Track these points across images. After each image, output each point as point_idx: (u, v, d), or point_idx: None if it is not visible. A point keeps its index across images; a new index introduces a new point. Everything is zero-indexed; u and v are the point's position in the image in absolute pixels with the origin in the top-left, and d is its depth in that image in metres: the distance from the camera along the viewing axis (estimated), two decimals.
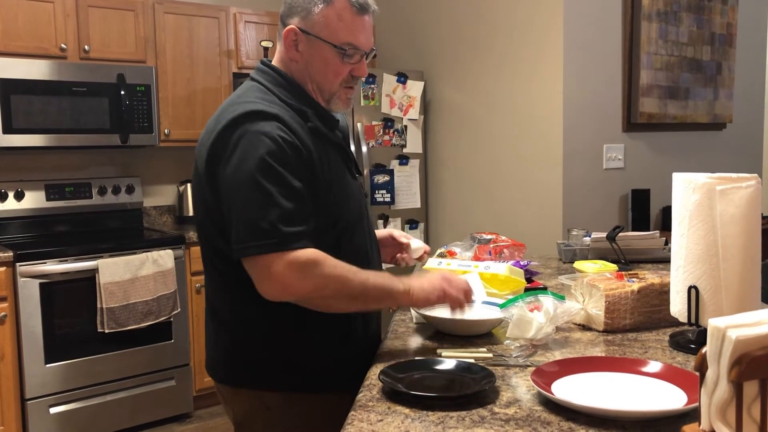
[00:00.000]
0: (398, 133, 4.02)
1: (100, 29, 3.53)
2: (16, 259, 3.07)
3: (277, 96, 1.47)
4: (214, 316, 1.55)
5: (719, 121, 4.15)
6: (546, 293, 1.51)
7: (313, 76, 1.49)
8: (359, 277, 1.38)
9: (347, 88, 1.52)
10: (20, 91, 3.27)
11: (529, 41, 3.55)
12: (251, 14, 4.00)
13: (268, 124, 1.38)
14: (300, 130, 1.42)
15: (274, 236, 1.32)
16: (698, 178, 1.32)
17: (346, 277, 1.36)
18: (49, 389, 3.17)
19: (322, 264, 1.34)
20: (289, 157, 1.36)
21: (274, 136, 1.36)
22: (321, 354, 1.49)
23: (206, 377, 3.63)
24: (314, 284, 1.35)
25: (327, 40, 1.45)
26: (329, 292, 1.36)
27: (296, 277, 1.33)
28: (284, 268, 1.32)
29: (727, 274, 1.31)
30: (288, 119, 1.41)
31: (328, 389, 1.49)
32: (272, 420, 1.50)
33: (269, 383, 1.48)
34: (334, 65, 1.47)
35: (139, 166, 4.03)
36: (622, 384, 1.19)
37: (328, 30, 1.45)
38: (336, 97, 1.52)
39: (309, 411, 1.49)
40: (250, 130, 1.37)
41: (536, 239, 3.34)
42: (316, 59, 1.48)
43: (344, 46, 1.46)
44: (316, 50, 1.47)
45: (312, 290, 1.35)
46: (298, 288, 1.34)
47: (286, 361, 1.48)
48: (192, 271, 3.57)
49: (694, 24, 3.91)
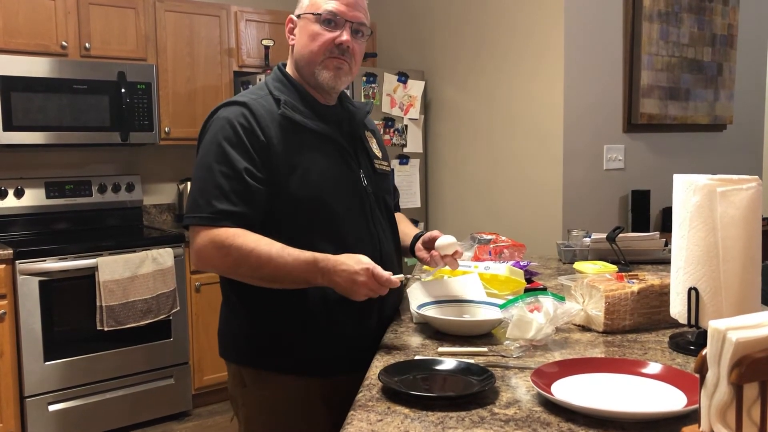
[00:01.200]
0: (399, 133, 4.02)
1: (100, 27, 3.52)
2: (15, 256, 3.07)
3: (269, 89, 1.61)
4: (221, 288, 1.67)
5: (720, 122, 4.15)
6: (546, 294, 1.51)
7: (303, 54, 1.60)
8: (275, 262, 1.44)
9: (332, 57, 1.58)
10: (21, 88, 3.26)
11: (530, 42, 3.55)
12: (252, 12, 4.00)
13: (233, 110, 1.53)
14: (267, 115, 1.53)
15: (205, 211, 1.47)
16: (699, 179, 1.32)
17: (261, 260, 1.44)
18: (48, 387, 3.17)
19: (236, 245, 1.44)
20: (241, 139, 1.49)
21: (233, 121, 1.51)
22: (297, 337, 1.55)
23: (205, 376, 3.64)
24: (229, 262, 1.46)
25: (310, 12, 1.58)
26: (245, 271, 1.47)
27: (214, 253, 1.46)
28: (207, 242, 1.46)
29: (728, 276, 1.31)
30: (257, 106, 1.54)
31: (302, 373, 1.55)
32: (248, 396, 1.61)
33: (245, 359, 1.60)
34: (316, 34, 1.57)
35: (139, 164, 4.02)
36: (622, 385, 1.19)
37: (312, 6, 1.59)
38: (321, 67, 1.59)
39: (281, 392, 1.56)
40: (218, 117, 1.55)
41: (536, 240, 3.34)
42: (303, 36, 1.60)
43: (323, 13, 1.57)
44: (304, 28, 1.60)
45: (227, 267, 1.48)
46: (216, 264, 1.48)
47: (261, 341, 1.57)
48: (192, 270, 3.57)
49: (695, 25, 3.91)
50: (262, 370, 1.58)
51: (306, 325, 1.55)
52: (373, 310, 1.61)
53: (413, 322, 1.64)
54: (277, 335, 1.56)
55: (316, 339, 1.55)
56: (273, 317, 1.56)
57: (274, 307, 1.55)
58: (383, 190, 1.70)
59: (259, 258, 1.44)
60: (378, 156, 1.72)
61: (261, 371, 1.58)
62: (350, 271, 1.42)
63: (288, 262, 1.44)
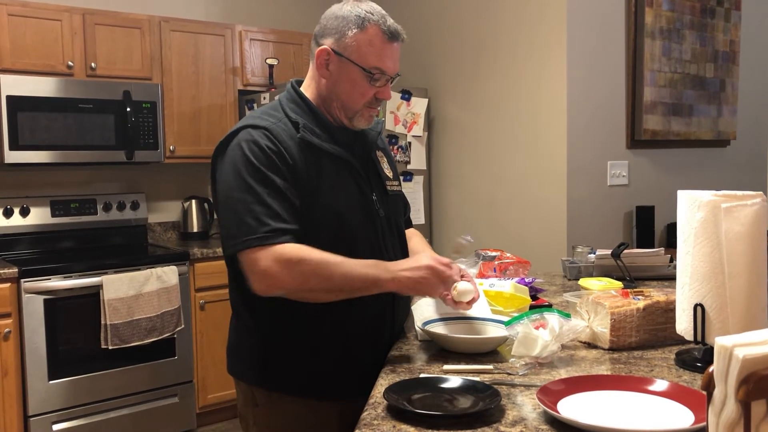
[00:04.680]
0: (402, 150, 4.03)
1: (106, 47, 3.56)
2: (20, 275, 3.08)
3: (285, 111, 1.58)
4: (231, 306, 1.67)
5: (723, 138, 4.16)
6: (551, 311, 1.50)
7: (339, 95, 1.58)
8: (342, 269, 1.45)
9: (370, 107, 1.60)
10: (27, 108, 3.29)
11: (533, 59, 3.57)
12: (257, 32, 4.03)
13: (257, 134, 1.51)
14: (288, 140, 1.52)
15: (259, 232, 1.43)
16: (703, 195, 1.32)
17: (329, 270, 1.44)
18: (52, 406, 3.16)
19: (306, 258, 1.43)
20: (273, 160, 1.48)
21: (260, 143, 1.49)
22: (311, 360, 1.55)
23: (209, 394, 3.63)
24: (299, 279, 1.43)
25: (357, 62, 1.54)
26: (314, 285, 1.45)
27: (282, 271, 1.42)
28: (271, 262, 1.42)
29: (733, 292, 1.30)
30: (278, 131, 1.52)
31: (314, 396, 1.56)
32: (259, 416, 1.60)
33: (258, 379, 1.59)
34: (360, 87, 1.56)
35: (144, 182, 4.04)
36: (629, 403, 1.18)
37: (358, 53, 1.54)
38: (359, 115, 1.60)
39: (294, 414, 1.56)
40: (240, 140, 1.51)
41: (541, 256, 3.34)
42: (344, 79, 1.56)
43: (372, 70, 1.54)
44: (345, 71, 1.55)
45: (298, 284, 1.44)
46: (284, 282, 1.43)
47: (276, 363, 1.57)
48: (196, 288, 3.57)
49: (697, 41, 3.92)
50: (275, 391, 1.57)
51: (320, 349, 1.55)
52: (385, 331, 1.61)
53: (418, 339, 1.64)
54: (291, 357, 1.56)
55: (330, 362, 1.55)
56: (288, 339, 1.55)
57: (290, 329, 1.55)
58: (394, 212, 1.70)
59: (328, 269, 1.43)
60: (389, 177, 1.72)
61: (274, 392, 1.57)
62: (416, 263, 1.48)
63: (355, 269, 1.45)
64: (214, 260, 3.58)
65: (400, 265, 1.50)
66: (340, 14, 1.55)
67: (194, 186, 4.17)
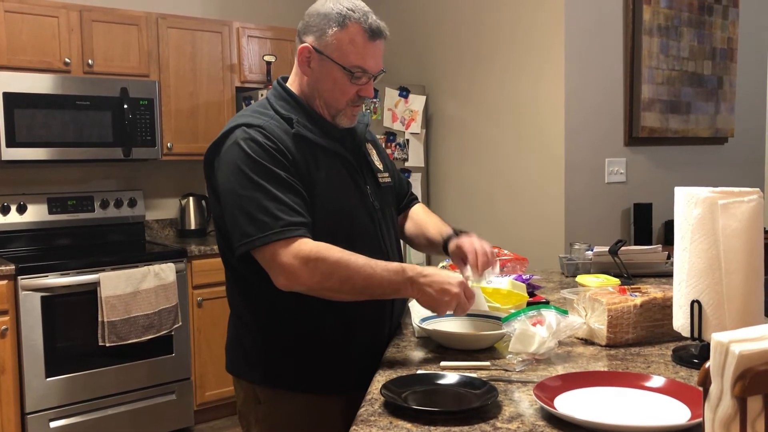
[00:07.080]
0: (400, 147, 4.03)
1: (103, 43, 3.55)
2: (17, 272, 3.07)
3: (274, 108, 1.57)
4: (230, 305, 1.66)
5: (721, 135, 4.16)
6: (548, 307, 1.50)
7: (321, 93, 1.57)
8: (364, 271, 1.43)
9: (353, 106, 1.59)
10: (24, 105, 3.28)
11: (531, 56, 3.57)
12: (254, 29, 4.02)
13: (252, 132, 1.49)
14: (284, 136, 1.51)
15: (276, 227, 1.41)
16: (700, 192, 1.32)
17: (350, 271, 1.42)
18: (49, 403, 3.15)
19: (324, 257, 1.41)
20: (274, 156, 1.47)
21: (258, 140, 1.47)
22: (312, 356, 1.55)
23: (207, 391, 3.63)
24: (319, 277, 1.41)
25: (337, 61, 1.53)
26: (334, 284, 1.43)
27: (302, 269, 1.40)
28: (291, 259, 1.40)
29: (730, 289, 1.30)
30: (272, 128, 1.51)
31: (317, 391, 1.55)
32: (262, 414, 1.59)
33: (259, 377, 1.58)
34: (341, 85, 1.55)
35: (141, 179, 4.03)
36: (626, 399, 1.18)
37: (339, 52, 1.52)
38: (342, 113, 1.59)
39: (297, 410, 1.55)
40: (237, 139, 1.49)
41: (538, 253, 3.34)
42: (325, 77, 1.55)
43: (353, 69, 1.53)
44: (327, 69, 1.54)
45: (317, 282, 1.42)
46: (303, 279, 1.41)
47: (277, 360, 1.56)
48: (194, 285, 3.57)
49: (695, 39, 3.92)
50: (276, 388, 1.56)
51: (321, 344, 1.55)
52: (386, 326, 1.62)
53: (415, 336, 1.64)
54: (292, 354, 1.55)
55: (331, 357, 1.55)
56: (289, 335, 1.55)
57: (290, 325, 1.54)
58: (387, 203, 1.71)
59: (348, 268, 1.42)
60: (380, 169, 1.73)
61: (276, 389, 1.56)
62: (444, 282, 1.44)
63: (377, 272, 1.43)
64: (212, 257, 3.58)
65: (428, 276, 1.46)
66: (322, 11, 1.53)
67: (192, 183, 4.17)
